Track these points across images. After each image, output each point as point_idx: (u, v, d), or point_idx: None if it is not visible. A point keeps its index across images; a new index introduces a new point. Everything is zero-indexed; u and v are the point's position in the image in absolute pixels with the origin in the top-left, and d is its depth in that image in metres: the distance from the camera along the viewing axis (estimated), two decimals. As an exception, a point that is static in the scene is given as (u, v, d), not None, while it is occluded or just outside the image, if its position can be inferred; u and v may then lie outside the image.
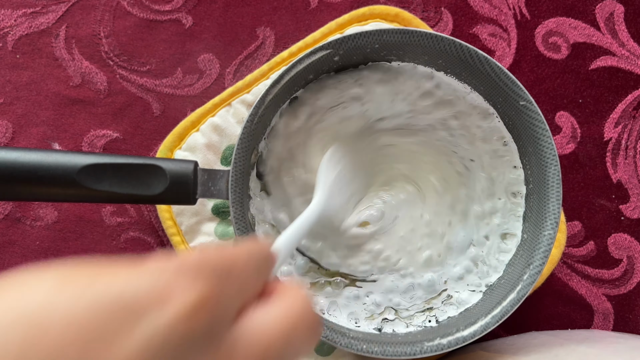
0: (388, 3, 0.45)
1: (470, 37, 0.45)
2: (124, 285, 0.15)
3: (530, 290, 0.36)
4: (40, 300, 0.14)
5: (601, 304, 0.44)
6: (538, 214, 0.38)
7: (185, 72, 0.44)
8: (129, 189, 0.32)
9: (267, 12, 0.45)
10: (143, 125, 0.44)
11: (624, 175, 0.45)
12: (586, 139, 0.45)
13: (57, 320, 0.13)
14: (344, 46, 0.36)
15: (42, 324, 0.13)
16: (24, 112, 0.44)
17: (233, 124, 0.42)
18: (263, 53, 0.45)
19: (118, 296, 0.14)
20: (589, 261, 0.44)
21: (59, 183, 0.31)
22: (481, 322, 0.36)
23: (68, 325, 0.13)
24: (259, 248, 0.20)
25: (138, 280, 0.15)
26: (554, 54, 0.45)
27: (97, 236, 0.43)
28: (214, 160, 0.42)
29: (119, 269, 0.16)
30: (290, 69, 0.36)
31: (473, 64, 0.37)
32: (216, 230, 0.42)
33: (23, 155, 0.31)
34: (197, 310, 0.15)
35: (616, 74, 0.45)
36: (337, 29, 0.43)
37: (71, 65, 0.44)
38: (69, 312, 0.14)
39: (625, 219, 0.45)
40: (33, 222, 0.43)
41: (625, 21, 0.46)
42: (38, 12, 0.44)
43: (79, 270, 0.15)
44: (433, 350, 0.36)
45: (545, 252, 0.36)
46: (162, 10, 0.45)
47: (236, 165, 0.35)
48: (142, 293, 0.15)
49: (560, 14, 0.46)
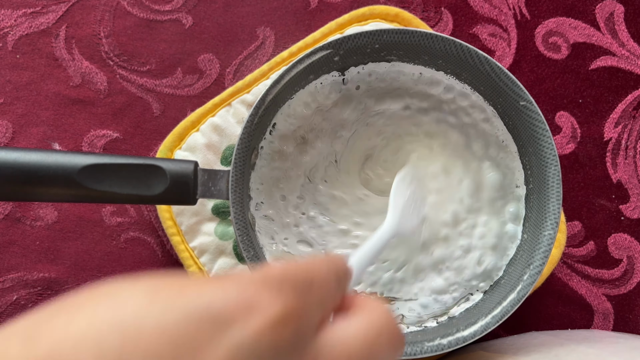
0: (388, 3, 0.45)
1: (470, 37, 0.45)
2: (211, 296, 0.15)
3: (531, 290, 0.36)
4: (133, 311, 0.14)
5: (601, 304, 0.44)
6: (538, 214, 0.38)
7: (185, 72, 0.44)
8: (129, 189, 0.32)
9: (267, 12, 0.45)
10: (143, 125, 0.44)
11: (624, 175, 0.45)
12: (586, 139, 0.45)
13: (150, 329, 0.14)
14: (344, 46, 0.36)
15: (137, 333, 0.14)
16: (24, 112, 0.44)
17: (233, 124, 0.42)
18: (263, 53, 0.45)
19: (206, 307, 0.15)
20: (589, 261, 0.44)
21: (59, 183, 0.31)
22: (481, 322, 0.36)
23: (160, 335, 0.14)
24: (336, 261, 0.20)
25: (225, 292, 0.15)
26: (554, 54, 0.45)
27: (97, 236, 0.43)
28: (214, 160, 0.42)
29: (206, 281, 0.16)
30: (291, 69, 0.36)
31: (473, 64, 0.37)
32: (216, 230, 0.42)
33: (23, 156, 0.31)
34: (283, 321, 0.15)
35: (616, 74, 0.45)
36: (337, 29, 0.43)
37: (71, 65, 0.44)
38: (161, 322, 0.14)
39: (625, 219, 0.45)
40: (33, 222, 0.43)
41: (625, 21, 0.46)
42: (38, 12, 0.44)
43: (168, 283, 0.16)
44: (433, 351, 0.36)
45: (546, 252, 0.36)
46: (162, 10, 0.45)
47: (236, 165, 0.35)
48: (229, 304, 0.15)
49: (560, 14, 0.46)
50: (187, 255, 0.41)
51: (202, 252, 0.42)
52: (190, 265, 0.42)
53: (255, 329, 0.15)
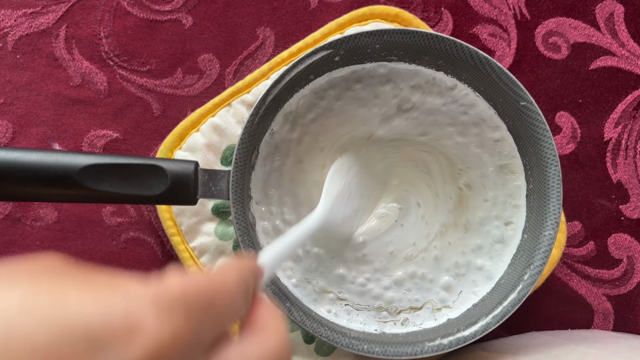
0: (388, 3, 0.45)
1: (470, 37, 0.45)
2: (93, 312, 0.14)
3: (531, 290, 0.36)
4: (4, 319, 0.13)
5: (601, 304, 0.44)
6: (538, 214, 0.38)
7: (185, 72, 0.44)
8: (129, 190, 0.32)
9: (267, 12, 0.45)
10: (143, 125, 0.44)
11: (624, 175, 0.45)
12: (586, 139, 0.45)
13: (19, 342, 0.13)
14: (345, 46, 0.36)
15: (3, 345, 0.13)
16: (24, 112, 0.44)
17: (233, 124, 0.42)
18: (263, 53, 0.45)
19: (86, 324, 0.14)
20: (589, 261, 0.44)
21: (59, 183, 0.31)
22: (482, 322, 0.36)
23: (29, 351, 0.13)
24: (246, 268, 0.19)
25: (109, 307, 0.14)
26: (554, 54, 0.45)
27: (97, 236, 0.43)
28: (214, 161, 0.42)
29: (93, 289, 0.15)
30: (291, 69, 0.36)
31: (473, 64, 0.37)
32: (216, 231, 0.42)
33: (23, 156, 0.31)
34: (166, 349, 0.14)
35: (616, 74, 0.45)
36: (337, 29, 0.43)
37: (71, 65, 0.44)
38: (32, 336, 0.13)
39: (625, 219, 0.45)
40: (33, 222, 0.43)
41: (625, 21, 0.46)
42: (38, 12, 0.44)
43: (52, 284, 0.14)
44: (434, 350, 0.36)
45: (546, 252, 0.36)
46: (162, 10, 0.45)
47: (237, 166, 0.35)
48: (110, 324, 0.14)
49: (560, 14, 0.46)
50: (187, 255, 0.41)
51: (202, 252, 0.42)
52: (191, 266, 0.42)
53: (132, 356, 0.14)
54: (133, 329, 0.14)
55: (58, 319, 0.14)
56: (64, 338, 0.13)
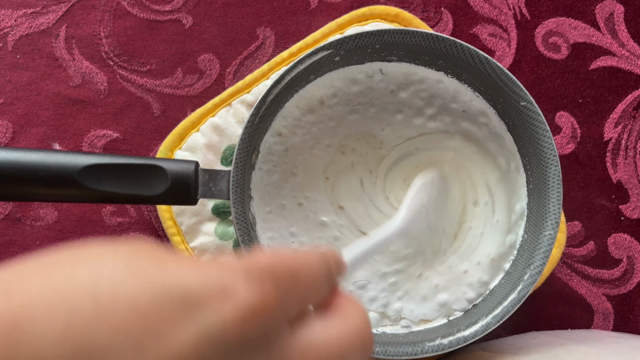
0: (388, 3, 0.45)
1: (470, 37, 0.45)
2: (189, 277, 0.15)
3: (531, 290, 0.36)
4: (110, 280, 0.14)
5: (601, 304, 0.44)
6: (538, 214, 0.38)
7: (185, 72, 0.44)
8: (129, 190, 0.32)
9: (267, 12, 0.45)
10: (143, 125, 0.44)
11: (624, 175, 0.45)
12: (586, 139, 0.45)
13: (123, 302, 0.14)
14: (345, 46, 0.36)
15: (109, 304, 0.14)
16: (24, 112, 0.44)
17: (233, 124, 0.42)
18: (263, 53, 0.45)
19: (182, 287, 0.15)
20: (589, 261, 0.44)
21: (59, 183, 0.31)
22: (482, 322, 0.36)
23: (132, 309, 0.14)
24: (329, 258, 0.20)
25: (203, 275, 0.15)
26: (554, 54, 0.46)
27: (97, 236, 0.43)
28: (214, 161, 0.42)
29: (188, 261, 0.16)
30: (292, 69, 0.36)
31: (473, 64, 0.37)
32: (216, 231, 0.42)
33: (23, 156, 0.31)
34: (257, 312, 0.15)
35: (616, 74, 0.45)
36: (337, 29, 0.43)
37: (71, 65, 0.44)
38: (135, 296, 0.14)
39: (625, 219, 0.45)
40: (33, 222, 0.43)
41: (625, 21, 0.46)
42: (38, 12, 0.44)
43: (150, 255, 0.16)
44: (434, 350, 0.36)
45: (546, 252, 0.36)
46: (162, 10, 0.45)
47: (237, 166, 0.35)
48: (205, 288, 0.15)
49: (560, 14, 0.46)
50: (187, 255, 0.41)
51: (203, 252, 0.42)
52: (191, 266, 0.42)
53: (225, 316, 0.15)
54: (226, 293, 0.15)
55: (158, 282, 0.15)
56: (163, 298, 0.14)
